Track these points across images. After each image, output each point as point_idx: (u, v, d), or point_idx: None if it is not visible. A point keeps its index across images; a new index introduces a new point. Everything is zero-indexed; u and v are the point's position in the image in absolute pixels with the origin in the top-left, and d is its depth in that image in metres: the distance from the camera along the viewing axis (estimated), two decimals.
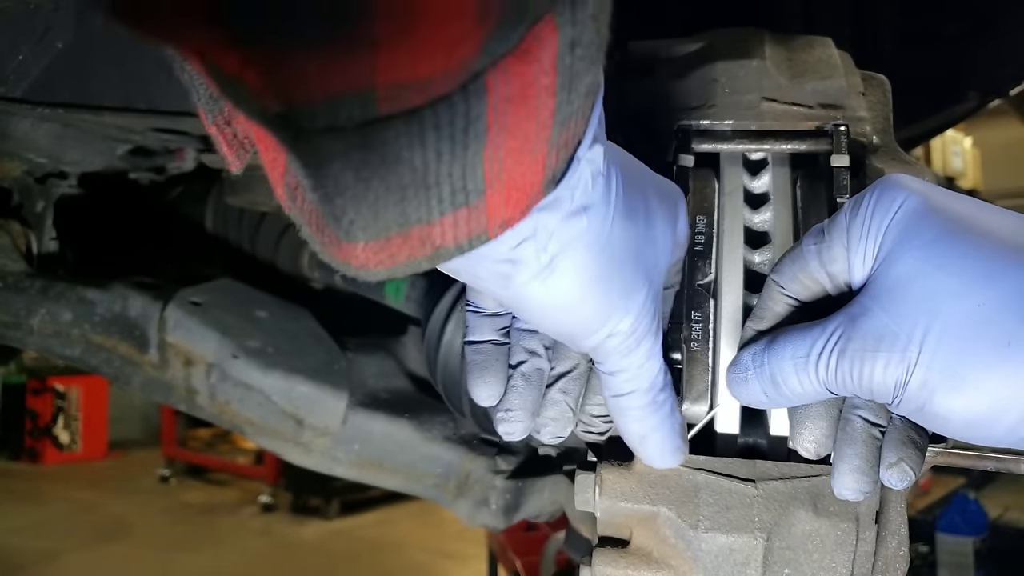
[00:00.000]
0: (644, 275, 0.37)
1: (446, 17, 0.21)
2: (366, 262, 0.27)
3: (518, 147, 0.26)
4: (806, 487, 0.44)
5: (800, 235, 0.48)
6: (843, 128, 0.49)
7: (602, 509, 0.46)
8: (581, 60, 0.26)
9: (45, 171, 0.85)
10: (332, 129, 0.22)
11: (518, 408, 0.42)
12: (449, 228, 0.27)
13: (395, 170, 0.24)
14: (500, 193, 0.27)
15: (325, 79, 0.21)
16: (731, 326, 0.47)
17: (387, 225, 0.26)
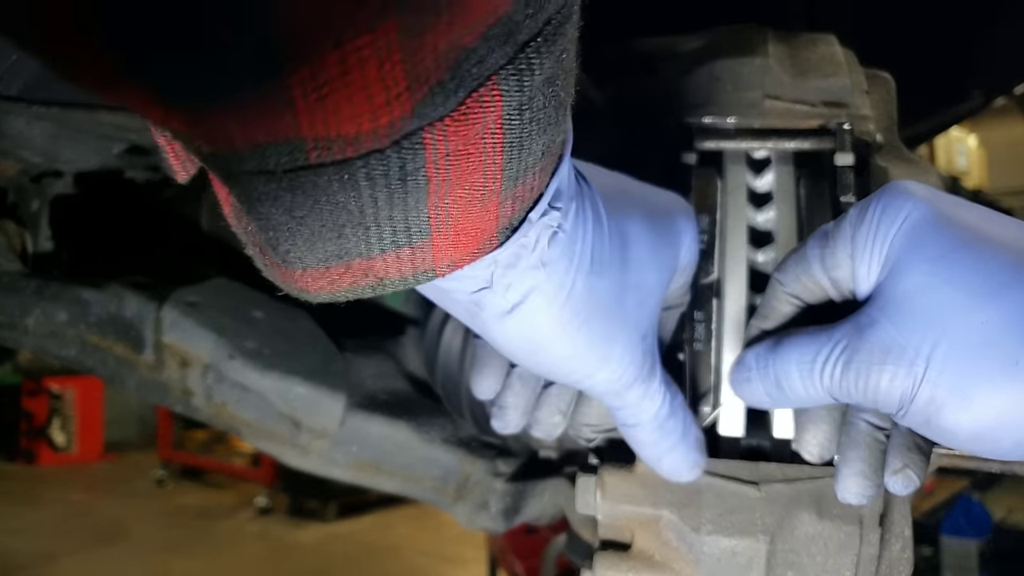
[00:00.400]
0: (621, 324, 0.37)
1: (368, 87, 0.20)
2: (306, 287, 0.27)
3: (464, 196, 0.26)
4: (809, 489, 0.43)
5: (804, 234, 0.48)
6: (847, 126, 0.48)
7: (603, 512, 0.46)
8: (531, 123, 0.25)
9: (40, 170, 0.84)
10: (262, 172, 0.22)
11: (511, 406, 0.43)
12: (392, 263, 0.26)
13: (330, 211, 0.24)
14: (447, 237, 0.27)
15: (247, 132, 0.21)
16: (734, 325, 0.46)
17: (325, 257, 0.25)
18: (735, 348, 0.46)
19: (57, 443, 5.79)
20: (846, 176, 0.47)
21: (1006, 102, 1.96)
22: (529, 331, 0.33)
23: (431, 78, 0.21)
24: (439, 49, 0.21)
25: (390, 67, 0.20)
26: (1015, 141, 5.97)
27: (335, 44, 0.19)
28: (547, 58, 0.24)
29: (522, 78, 0.23)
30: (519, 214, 0.29)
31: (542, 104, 0.25)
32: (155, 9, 0.17)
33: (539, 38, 0.23)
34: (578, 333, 0.35)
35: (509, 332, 0.33)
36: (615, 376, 0.37)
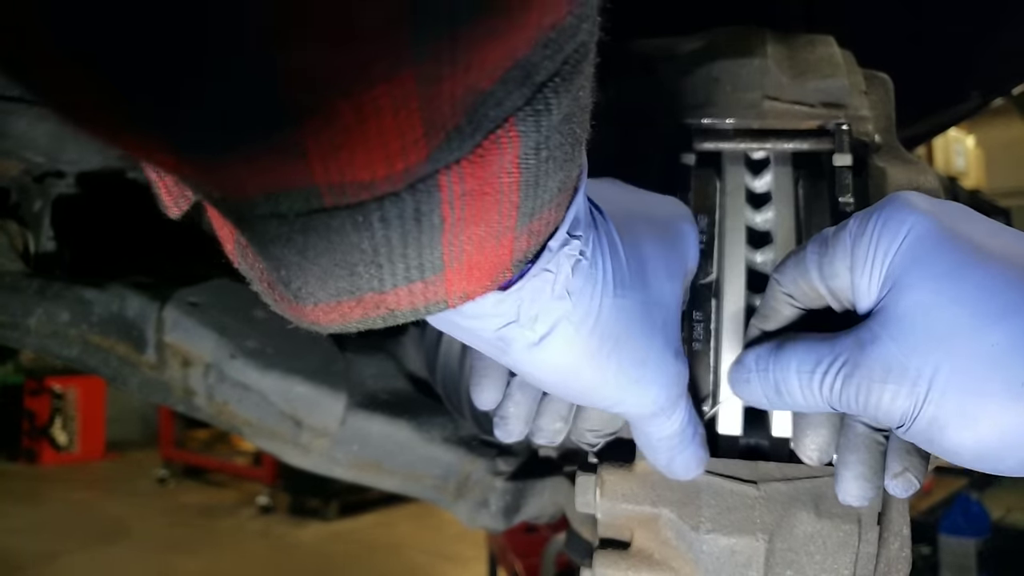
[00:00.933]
0: (650, 344, 0.36)
1: (383, 135, 0.20)
2: (317, 320, 0.27)
3: (480, 234, 0.25)
4: (808, 488, 0.44)
5: (802, 235, 0.48)
6: (845, 127, 0.48)
7: (603, 511, 0.46)
8: (547, 161, 0.25)
9: (43, 170, 0.85)
10: (274, 215, 0.22)
11: (513, 416, 0.43)
12: (404, 296, 0.26)
13: (342, 252, 0.23)
14: (460, 272, 0.27)
15: (260, 181, 0.21)
16: (733, 326, 0.46)
17: (337, 293, 0.25)
18: (734, 348, 0.46)
19: (59, 442, 5.79)
20: (844, 177, 0.47)
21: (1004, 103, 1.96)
22: (559, 361, 0.33)
23: (448, 124, 0.21)
24: (456, 95, 0.20)
25: (406, 115, 0.20)
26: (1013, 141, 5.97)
27: (350, 95, 0.19)
28: (564, 97, 0.24)
29: (539, 118, 0.23)
30: (534, 248, 0.29)
31: (559, 142, 0.25)
32: (167, 62, 0.17)
33: (557, 78, 0.23)
34: (608, 359, 0.34)
35: (539, 364, 0.33)
36: (650, 400, 0.37)
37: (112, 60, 0.17)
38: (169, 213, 0.30)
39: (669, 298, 0.39)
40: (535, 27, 0.21)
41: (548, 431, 0.43)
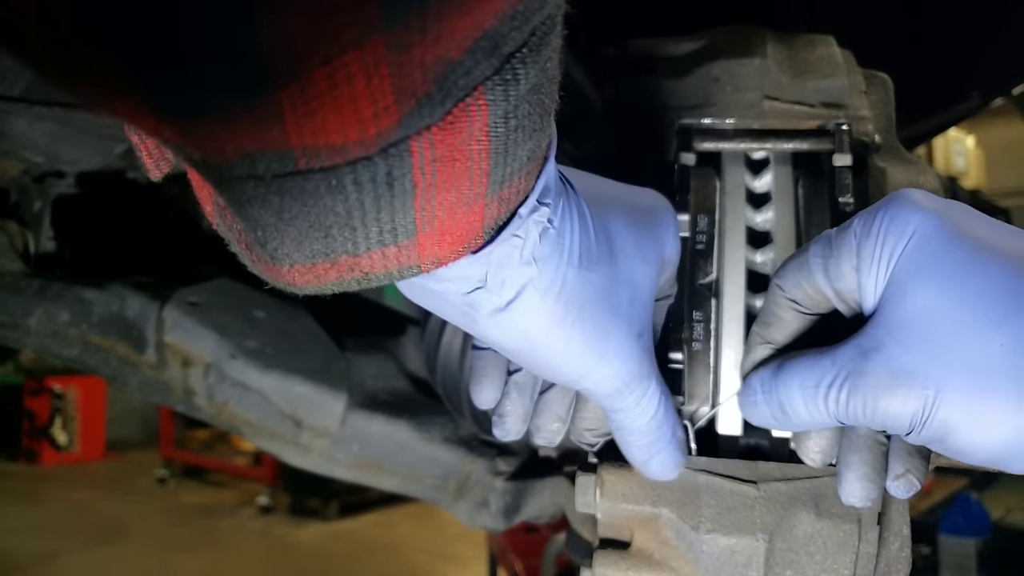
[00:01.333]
0: (615, 319, 0.37)
1: (356, 100, 0.21)
2: (293, 281, 0.28)
3: (451, 200, 0.26)
4: (808, 488, 0.44)
5: (802, 235, 0.48)
6: (845, 127, 0.48)
7: (603, 511, 0.46)
8: (517, 130, 0.26)
9: (42, 170, 0.85)
10: (251, 176, 0.23)
11: (510, 414, 0.43)
12: (378, 260, 0.27)
13: (317, 213, 0.24)
14: (432, 237, 0.27)
15: (237, 142, 0.21)
16: (733, 326, 0.46)
17: (312, 255, 0.26)
18: (734, 348, 0.46)
19: (59, 442, 5.79)
20: (844, 177, 0.47)
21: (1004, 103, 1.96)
22: (524, 328, 0.34)
23: (418, 91, 0.22)
24: (426, 63, 0.21)
25: (378, 81, 0.20)
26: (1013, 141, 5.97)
27: (323, 60, 0.19)
28: (532, 67, 0.24)
29: (507, 88, 0.24)
30: (504, 215, 0.30)
31: (527, 111, 0.26)
32: (149, 25, 0.18)
33: (524, 48, 0.24)
34: (572, 328, 0.35)
35: (505, 330, 0.34)
36: (612, 372, 0.37)
37: (99, 24, 0.18)
38: (150, 176, 0.30)
39: (639, 279, 0.39)
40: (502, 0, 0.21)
41: (546, 430, 0.44)
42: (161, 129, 0.21)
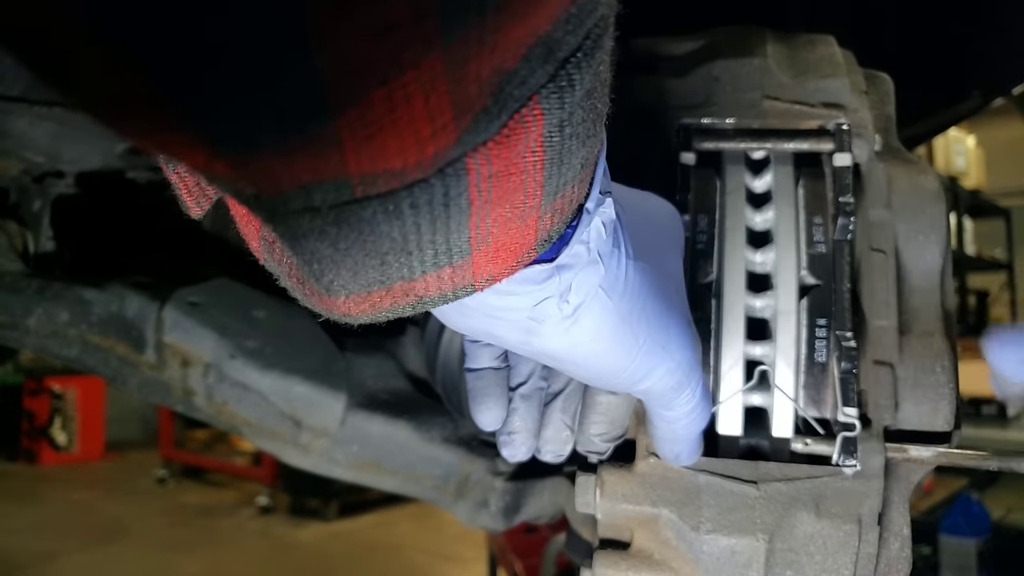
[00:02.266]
0: (671, 310, 0.37)
1: (414, 121, 0.20)
2: (348, 311, 0.28)
3: (505, 215, 0.26)
4: (808, 489, 0.44)
5: (802, 235, 0.48)
6: (845, 127, 0.48)
7: (603, 511, 0.46)
8: (571, 138, 0.25)
9: (42, 170, 0.84)
10: (307, 209, 0.22)
11: (521, 430, 0.42)
12: (433, 283, 0.27)
13: (373, 241, 0.24)
14: (486, 254, 0.27)
15: (294, 174, 0.21)
16: (733, 326, 0.46)
17: (368, 284, 0.26)
18: (733, 348, 0.46)
19: (58, 442, 5.79)
20: (845, 177, 0.47)
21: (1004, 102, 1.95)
22: (594, 331, 0.33)
23: (475, 105, 0.21)
24: (482, 76, 0.21)
25: (436, 99, 0.20)
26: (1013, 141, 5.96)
27: (381, 82, 0.19)
28: (587, 72, 0.24)
29: (563, 95, 0.23)
30: (558, 227, 0.29)
31: (581, 118, 0.25)
32: (199, 53, 0.17)
33: (579, 53, 0.23)
34: (639, 324, 0.34)
35: (573, 338, 0.33)
36: (675, 365, 0.37)
37: (149, 55, 0.17)
38: (190, 213, 0.30)
39: (676, 270, 0.39)
40: (556, 3, 0.21)
41: (555, 441, 0.43)
42: (212, 164, 0.21)
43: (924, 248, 0.49)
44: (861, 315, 0.47)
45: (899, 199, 0.49)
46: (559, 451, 0.43)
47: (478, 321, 0.32)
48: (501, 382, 0.42)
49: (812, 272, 0.47)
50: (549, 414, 0.43)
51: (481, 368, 0.42)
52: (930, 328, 0.48)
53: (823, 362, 0.45)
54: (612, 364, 0.35)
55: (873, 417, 0.45)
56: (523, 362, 0.42)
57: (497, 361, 0.42)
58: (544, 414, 0.43)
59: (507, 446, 0.43)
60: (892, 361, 0.46)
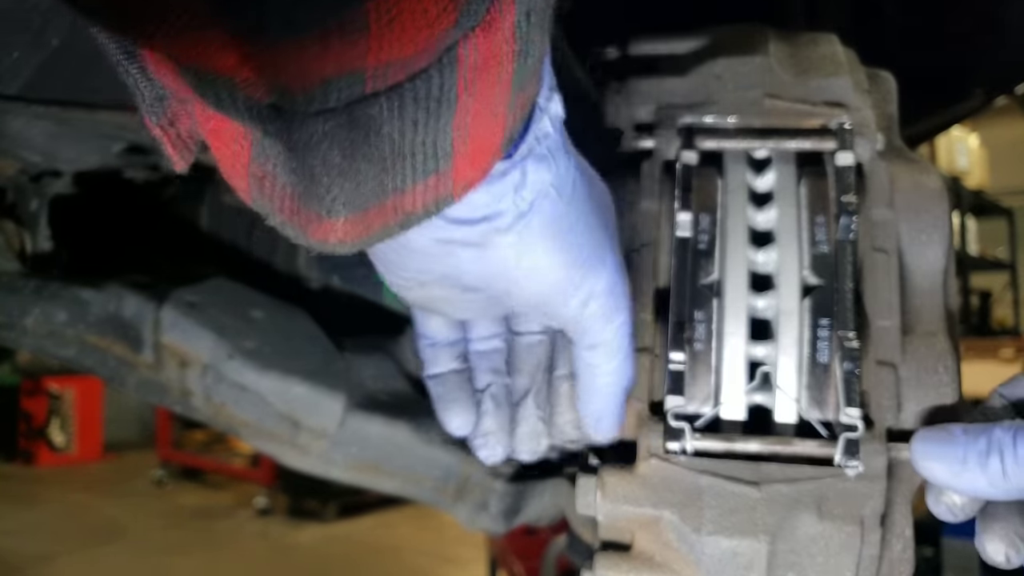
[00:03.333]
0: (607, 230, 0.38)
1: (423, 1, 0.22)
2: (345, 236, 0.28)
3: (481, 111, 0.27)
4: (810, 490, 0.43)
5: (805, 234, 0.47)
6: (848, 126, 0.48)
7: (604, 513, 0.45)
8: (535, 27, 0.27)
9: (39, 170, 0.84)
10: (322, 112, 0.23)
11: (495, 430, 0.42)
12: (420, 194, 0.28)
13: (377, 144, 0.25)
14: (466, 157, 0.29)
15: (321, 65, 0.22)
16: (735, 326, 0.46)
17: (367, 198, 0.27)
18: (735, 348, 0.46)
19: (56, 443, 5.78)
20: (847, 176, 0.47)
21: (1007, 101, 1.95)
22: (542, 233, 0.34)
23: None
24: None
25: None
26: (1016, 140, 5.96)
27: None
28: None
29: None
30: (519, 125, 0.31)
31: (541, 8, 0.27)
32: None
33: None
34: (582, 235, 0.36)
35: (525, 243, 0.33)
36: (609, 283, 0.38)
37: None
38: (176, 167, 0.31)
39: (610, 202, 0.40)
40: None
41: (532, 437, 0.43)
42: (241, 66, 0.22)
43: (927, 248, 0.49)
44: (864, 315, 0.46)
45: (902, 198, 0.49)
46: (536, 447, 0.44)
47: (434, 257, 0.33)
48: (465, 385, 0.43)
49: (814, 272, 0.47)
50: (522, 411, 0.43)
51: (442, 372, 0.43)
52: (933, 328, 0.48)
53: (825, 362, 0.45)
54: (555, 277, 0.36)
55: (876, 418, 0.44)
56: (486, 360, 0.43)
57: (458, 362, 0.43)
58: (516, 412, 0.43)
59: (484, 448, 0.43)
60: (895, 361, 0.46)
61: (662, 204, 0.49)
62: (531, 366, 0.44)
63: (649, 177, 0.50)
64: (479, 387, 0.43)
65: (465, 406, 0.42)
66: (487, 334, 0.44)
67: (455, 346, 0.43)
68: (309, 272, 0.90)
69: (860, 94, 0.50)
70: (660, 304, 0.47)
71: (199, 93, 0.23)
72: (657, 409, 0.45)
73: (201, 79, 0.23)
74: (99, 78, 0.71)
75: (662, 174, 0.50)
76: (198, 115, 0.28)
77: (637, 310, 0.47)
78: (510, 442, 0.43)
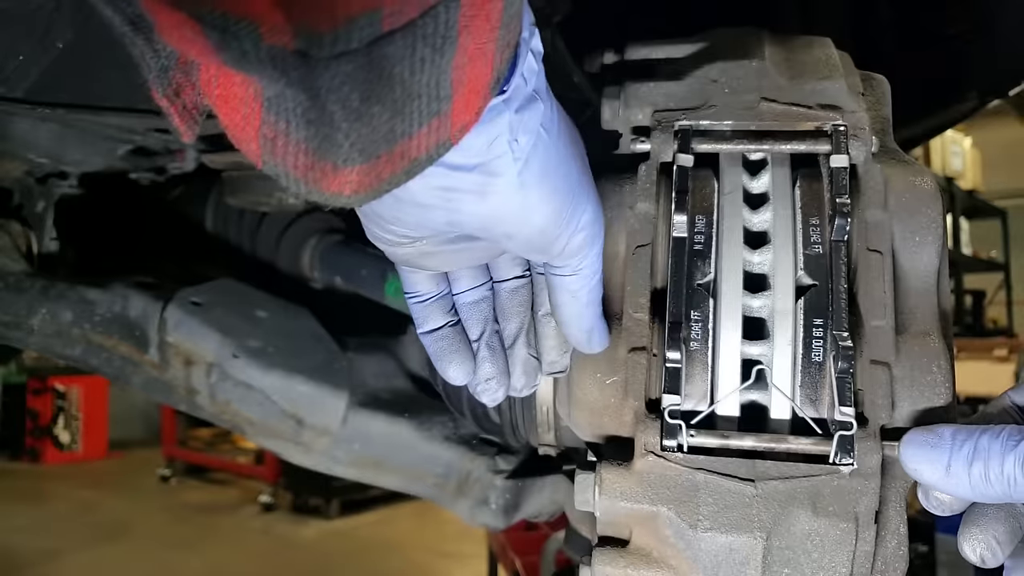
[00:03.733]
0: (584, 161, 0.40)
1: None
2: (358, 187, 0.29)
3: (475, 50, 0.29)
4: (805, 487, 0.44)
5: (799, 236, 0.48)
6: (842, 128, 0.49)
7: (602, 509, 0.46)
8: None
9: (46, 171, 0.85)
10: (344, 53, 0.25)
11: (495, 375, 0.46)
12: (423, 139, 0.29)
13: (390, 85, 0.27)
14: (462, 99, 0.29)
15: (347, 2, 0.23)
16: (730, 326, 0.47)
17: (379, 144, 0.28)
18: (731, 348, 0.47)
19: (62, 441, 5.81)
20: (841, 178, 0.47)
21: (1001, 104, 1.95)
22: (541, 173, 0.35)
23: None
24: None
25: None
26: (1010, 143, 5.95)
27: None
28: None
29: None
30: (506, 65, 0.32)
31: None
32: None
33: None
34: (570, 164, 0.38)
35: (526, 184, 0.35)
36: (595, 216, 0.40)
37: None
38: (183, 137, 0.31)
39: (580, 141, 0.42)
40: None
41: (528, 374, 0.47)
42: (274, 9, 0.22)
43: (920, 248, 0.49)
44: (858, 315, 0.47)
45: (896, 200, 0.50)
46: (532, 382, 0.47)
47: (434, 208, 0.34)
48: (460, 336, 0.45)
49: (809, 272, 0.47)
50: (516, 352, 0.46)
51: (438, 328, 0.45)
52: (926, 328, 0.48)
53: (820, 361, 0.46)
54: (551, 214, 0.37)
55: (870, 416, 0.45)
56: (476, 311, 0.46)
57: (450, 315, 0.46)
58: (510, 355, 0.46)
59: (486, 393, 0.46)
60: (888, 361, 0.46)
61: (659, 206, 0.50)
62: (518, 309, 0.47)
63: (646, 179, 0.50)
64: (474, 337, 0.46)
65: (464, 357, 0.45)
66: (472, 286, 0.46)
67: (444, 300, 0.46)
68: (313, 272, 0.91)
69: (854, 97, 0.51)
70: (657, 304, 0.48)
71: (222, 47, 0.24)
72: (654, 407, 0.46)
73: (226, 32, 0.23)
74: (105, 81, 0.72)
75: (659, 176, 0.50)
76: (204, 84, 0.28)
77: (634, 310, 0.48)
78: (508, 382, 0.46)
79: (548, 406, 0.62)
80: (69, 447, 5.83)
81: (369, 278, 0.82)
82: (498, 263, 0.46)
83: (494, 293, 0.47)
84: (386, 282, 0.81)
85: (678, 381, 0.45)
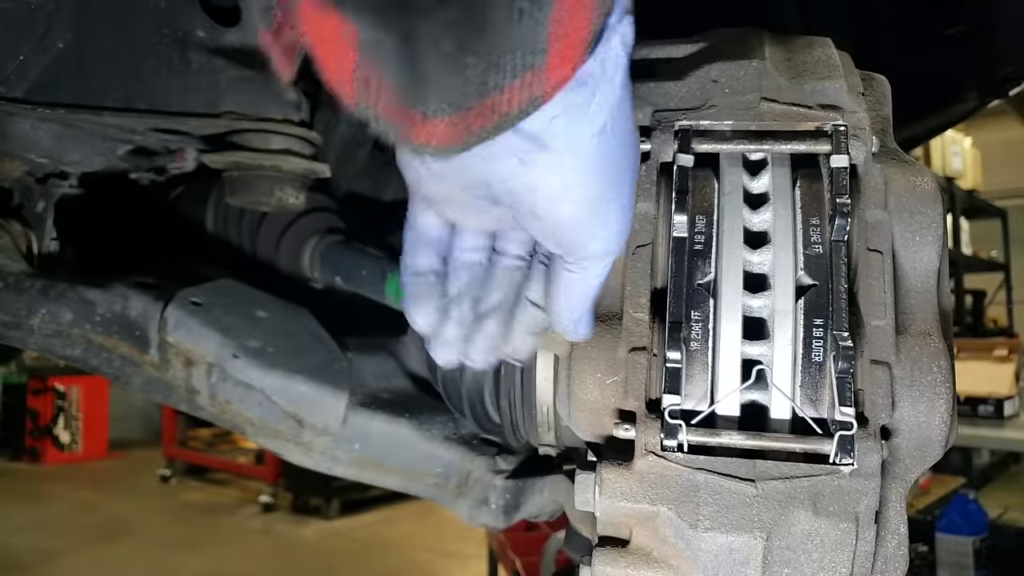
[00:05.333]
0: (633, 178, 0.40)
1: None
2: (445, 138, 0.29)
3: (574, 3, 0.28)
4: (806, 487, 0.44)
5: (800, 236, 0.48)
6: (843, 128, 0.49)
7: (602, 509, 0.46)
8: None
9: (46, 171, 0.85)
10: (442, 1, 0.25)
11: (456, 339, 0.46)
12: (516, 93, 0.29)
13: (486, 36, 0.27)
14: (558, 53, 0.29)
15: None
16: (731, 325, 0.47)
17: (470, 96, 0.28)
18: (732, 348, 0.47)
19: (62, 441, 5.81)
20: (842, 178, 0.47)
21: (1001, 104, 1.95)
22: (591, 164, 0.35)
23: None
24: None
25: None
26: (1009, 143, 5.96)
27: None
28: None
29: None
30: (599, 23, 0.31)
31: None
32: None
33: None
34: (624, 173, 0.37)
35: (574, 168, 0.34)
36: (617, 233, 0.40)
37: None
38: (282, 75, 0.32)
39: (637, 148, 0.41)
40: None
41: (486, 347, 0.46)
42: None
43: (920, 248, 0.49)
44: (858, 315, 0.47)
45: (896, 200, 0.50)
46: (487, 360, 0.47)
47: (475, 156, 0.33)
48: (440, 287, 0.45)
49: (809, 272, 0.47)
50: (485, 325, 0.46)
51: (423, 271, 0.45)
52: (927, 328, 0.48)
53: (820, 361, 0.46)
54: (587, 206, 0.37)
55: (870, 416, 0.45)
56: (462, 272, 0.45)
57: (437, 262, 0.46)
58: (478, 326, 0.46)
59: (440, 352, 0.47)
60: (889, 361, 0.46)
61: (659, 205, 0.50)
62: (506, 287, 0.46)
63: (646, 179, 0.50)
64: (451, 292, 0.45)
65: (435, 307, 0.45)
66: (473, 245, 0.46)
67: (438, 244, 0.45)
68: (313, 273, 0.91)
69: (855, 97, 0.51)
70: (657, 304, 0.48)
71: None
72: (654, 407, 0.46)
73: None
74: (105, 80, 0.72)
75: (659, 176, 0.50)
76: (305, 25, 0.29)
77: (634, 310, 0.48)
78: (466, 350, 0.46)
79: (548, 406, 0.62)
80: (69, 447, 5.83)
81: (369, 278, 0.82)
82: (507, 236, 0.46)
83: (491, 262, 0.46)
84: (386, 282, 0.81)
85: (678, 381, 0.45)
